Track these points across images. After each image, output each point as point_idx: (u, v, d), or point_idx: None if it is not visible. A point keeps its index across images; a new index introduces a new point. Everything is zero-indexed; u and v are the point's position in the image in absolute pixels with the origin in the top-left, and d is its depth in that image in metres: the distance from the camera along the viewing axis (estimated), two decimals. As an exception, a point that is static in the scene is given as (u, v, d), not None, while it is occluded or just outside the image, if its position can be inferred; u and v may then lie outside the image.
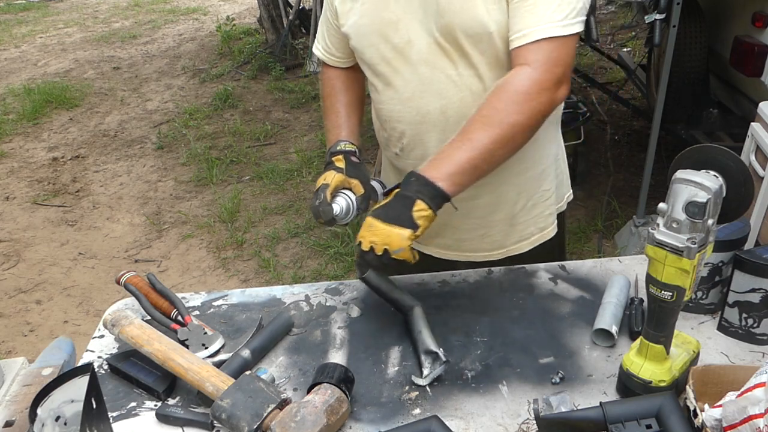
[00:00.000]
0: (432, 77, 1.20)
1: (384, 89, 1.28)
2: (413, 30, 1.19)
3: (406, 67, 1.22)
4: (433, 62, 1.19)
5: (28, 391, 1.08)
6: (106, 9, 9.94)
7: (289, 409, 0.94)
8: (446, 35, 1.16)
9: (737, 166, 0.89)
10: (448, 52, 1.18)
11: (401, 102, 1.26)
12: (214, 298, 1.31)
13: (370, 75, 1.31)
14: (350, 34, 1.27)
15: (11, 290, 3.33)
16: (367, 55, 1.26)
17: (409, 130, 1.28)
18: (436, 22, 1.16)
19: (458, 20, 1.13)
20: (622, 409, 0.86)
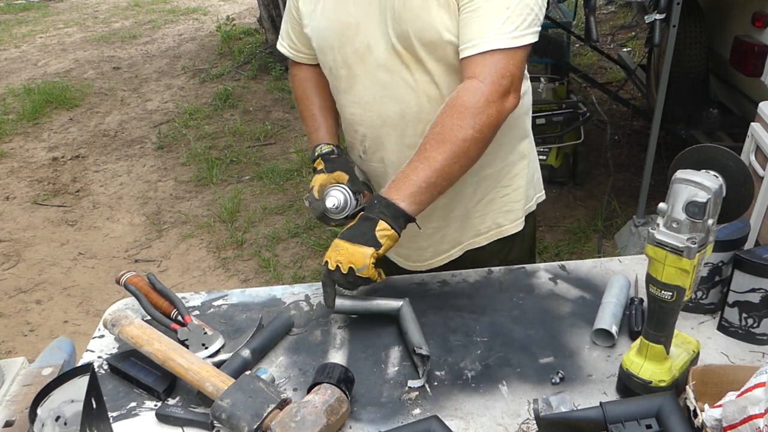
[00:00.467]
0: (391, 82, 1.21)
1: (345, 93, 1.29)
2: (372, 35, 1.19)
3: (366, 72, 1.23)
4: (391, 68, 1.20)
5: (28, 391, 1.08)
6: (106, 9, 9.94)
7: (289, 409, 0.94)
8: (402, 41, 1.17)
9: (737, 166, 0.89)
10: (405, 58, 1.18)
11: (362, 106, 1.27)
12: (214, 298, 1.31)
13: (331, 78, 1.32)
14: (312, 35, 1.28)
15: (11, 290, 3.33)
16: (328, 58, 1.27)
17: (369, 133, 1.30)
18: (393, 29, 1.17)
19: (413, 27, 1.14)
20: (622, 409, 0.86)
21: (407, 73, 1.20)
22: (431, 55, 1.17)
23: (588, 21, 3.30)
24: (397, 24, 1.15)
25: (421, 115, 1.23)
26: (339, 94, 1.33)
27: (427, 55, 1.17)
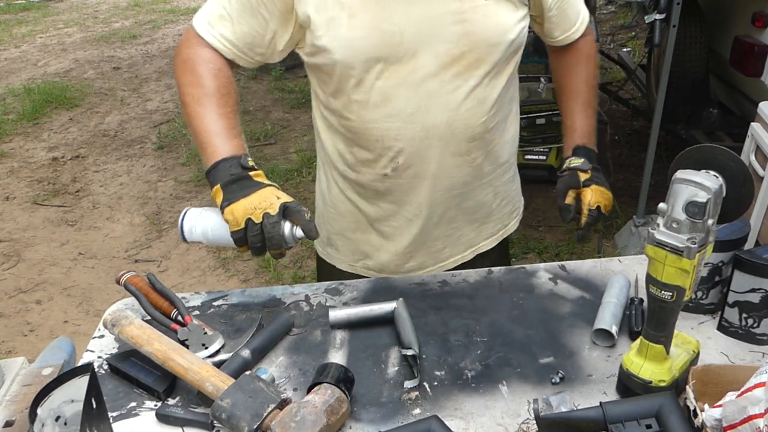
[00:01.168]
0: (439, 90, 1.17)
1: (377, 107, 1.18)
2: (421, 42, 1.13)
3: (410, 82, 1.16)
4: (441, 75, 1.15)
5: (28, 391, 1.08)
6: (106, 9, 9.94)
7: (289, 409, 0.94)
8: (464, 45, 1.14)
9: (737, 166, 0.89)
10: (461, 62, 1.15)
11: (402, 119, 1.19)
12: (214, 298, 1.31)
13: (356, 92, 1.18)
14: (333, 47, 1.13)
15: (11, 290, 3.33)
16: (358, 70, 1.15)
17: (408, 147, 1.21)
18: (452, 32, 1.13)
19: (481, 28, 1.14)
20: (622, 409, 0.86)
21: (459, 79, 1.17)
22: (491, 56, 1.17)
23: (588, 21, 3.29)
24: (460, 26, 1.13)
25: (471, 120, 1.21)
26: (366, 109, 1.19)
27: (489, 56, 1.17)
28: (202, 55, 1.19)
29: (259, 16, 1.16)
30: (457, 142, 1.22)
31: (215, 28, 1.18)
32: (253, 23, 1.17)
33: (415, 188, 1.28)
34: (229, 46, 1.20)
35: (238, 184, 1.10)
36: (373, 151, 1.25)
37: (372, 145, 1.24)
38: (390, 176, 1.27)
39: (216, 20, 1.18)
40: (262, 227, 1.07)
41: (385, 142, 1.22)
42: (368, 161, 1.27)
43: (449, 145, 1.22)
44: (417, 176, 1.26)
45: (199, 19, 1.20)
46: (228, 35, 1.19)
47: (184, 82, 1.19)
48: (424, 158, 1.23)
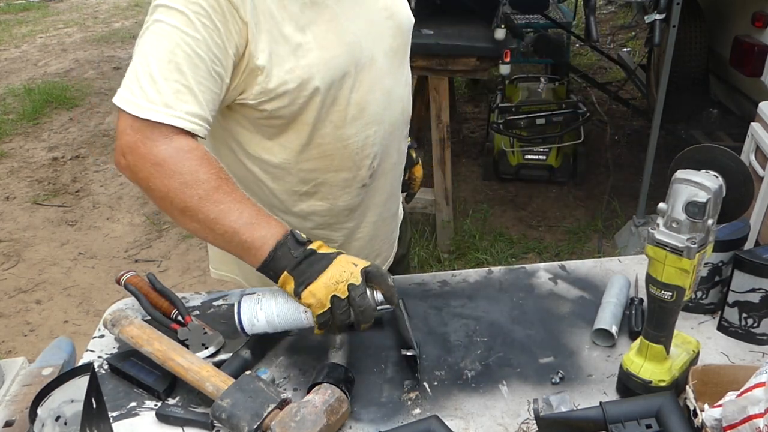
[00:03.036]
0: (394, 84, 1.24)
1: (354, 120, 1.16)
2: (373, 44, 1.18)
3: (374, 86, 1.19)
4: (391, 69, 1.23)
5: (28, 391, 1.08)
6: (106, 9, 9.94)
7: (289, 409, 0.94)
8: (398, 36, 1.24)
9: (737, 166, 0.89)
10: (398, 53, 1.25)
11: (376, 122, 1.20)
12: (214, 298, 1.31)
13: (330, 113, 1.12)
14: (307, 78, 1.05)
15: (11, 290, 3.33)
16: (334, 89, 1.11)
17: (380, 148, 1.24)
18: (388, 27, 1.21)
19: (403, 17, 1.25)
20: (622, 409, 0.86)
21: (399, 69, 1.27)
22: (408, 42, 1.29)
23: (588, 21, 3.30)
24: (391, 20, 1.22)
25: (408, 105, 1.31)
26: (343, 127, 1.15)
27: (406, 42, 1.28)
28: (176, 147, 0.97)
29: (215, 76, 1.00)
30: (404, 127, 1.33)
31: (177, 108, 0.96)
32: (212, 86, 1.00)
33: (381, 187, 1.32)
34: (199, 121, 0.99)
35: (306, 263, 0.96)
36: (350, 168, 1.20)
37: (350, 161, 1.19)
38: (368, 185, 1.26)
39: (173, 99, 0.96)
40: (350, 302, 0.95)
41: (364, 150, 1.20)
42: (345, 180, 1.21)
43: (402, 132, 1.32)
44: (384, 172, 1.31)
45: (147, 105, 0.96)
46: (195, 110, 0.98)
47: (173, 187, 0.96)
48: (389, 153, 1.29)
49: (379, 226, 1.38)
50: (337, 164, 1.19)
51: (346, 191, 1.24)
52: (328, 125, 1.14)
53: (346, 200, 1.26)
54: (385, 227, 1.42)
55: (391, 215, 1.42)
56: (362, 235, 1.36)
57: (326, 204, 1.25)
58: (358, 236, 1.36)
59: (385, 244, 1.45)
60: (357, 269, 0.97)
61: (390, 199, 1.38)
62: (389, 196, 1.37)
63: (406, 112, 1.31)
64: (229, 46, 0.99)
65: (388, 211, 1.39)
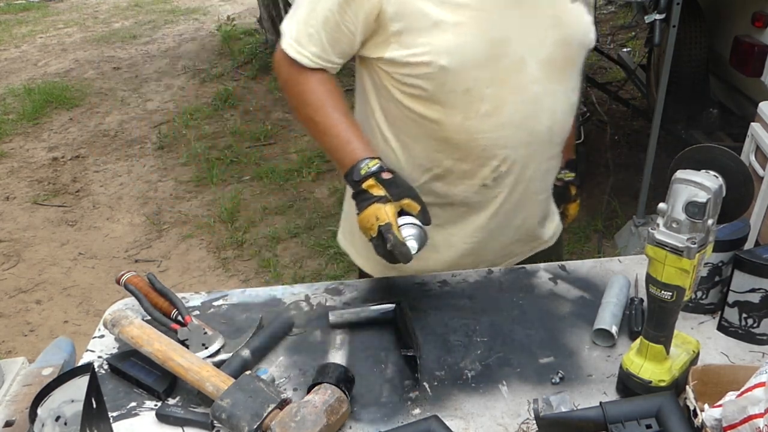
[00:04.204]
0: (543, 95, 1.18)
1: (487, 116, 1.16)
2: (526, 47, 1.14)
3: (519, 89, 1.15)
4: (543, 79, 1.17)
5: (28, 391, 1.08)
6: (106, 9, 9.93)
7: (289, 409, 0.94)
8: (560, 48, 1.17)
9: (737, 166, 0.89)
10: (558, 65, 1.18)
11: (512, 126, 1.17)
12: (214, 298, 1.31)
13: (462, 101, 1.14)
14: (434, 57, 1.10)
15: (11, 290, 3.33)
16: (467, 79, 1.12)
17: (513, 154, 1.20)
18: (549, 36, 1.15)
19: (574, 30, 1.19)
20: (622, 409, 0.86)
21: (556, 83, 1.20)
22: (580, 58, 1.22)
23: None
24: (557, 30, 1.16)
25: (565, 124, 1.25)
26: (474, 119, 1.15)
27: (578, 58, 1.22)
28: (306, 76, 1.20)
29: (344, 29, 1.15)
30: (552, 146, 1.26)
31: (306, 49, 1.18)
32: (340, 36, 1.16)
33: (507, 196, 1.26)
34: (322, 62, 1.19)
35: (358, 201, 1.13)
36: (473, 162, 1.21)
37: (473, 156, 1.20)
38: (489, 186, 1.24)
39: (306, 41, 1.17)
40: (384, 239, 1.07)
41: (491, 151, 1.19)
42: (465, 172, 1.23)
43: (547, 150, 1.26)
44: (514, 183, 1.25)
45: (289, 42, 1.19)
46: (319, 53, 1.17)
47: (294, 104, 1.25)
48: (525, 165, 1.23)
49: (501, 239, 1.34)
50: (461, 154, 1.20)
51: (464, 183, 1.24)
52: (458, 113, 1.16)
53: (462, 192, 1.25)
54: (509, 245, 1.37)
55: (522, 235, 1.36)
56: (478, 239, 1.32)
57: (444, 188, 1.26)
58: (475, 239, 1.32)
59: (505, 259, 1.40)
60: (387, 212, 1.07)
61: (522, 215, 1.32)
62: (520, 210, 1.30)
63: (557, 131, 1.24)
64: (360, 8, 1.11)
65: (516, 229, 1.33)
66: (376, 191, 1.10)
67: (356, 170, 1.12)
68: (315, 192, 4.11)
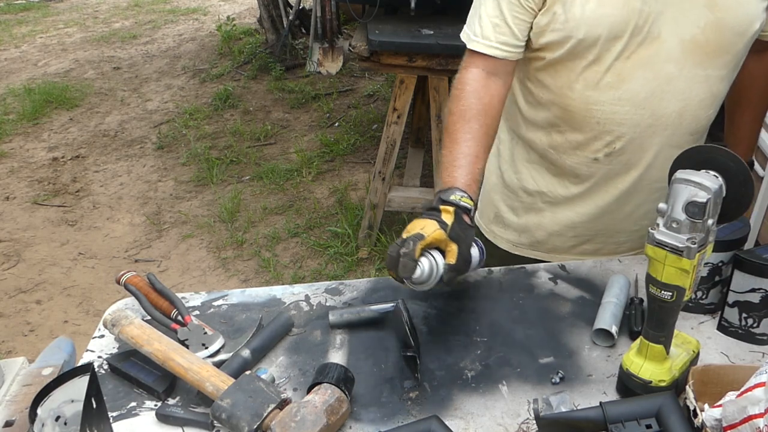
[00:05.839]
0: (678, 76, 1.14)
1: (609, 88, 1.16)
2: (667, 24, 1.10)
3: (651, 64, 1.13)
4: (683, 60, 1.13)
5: (28, 391, 1.08)
6: (106, 9, 9.93)
7: (289, 409, 0.94)
8: (711, 32, 1.11)
9: (737, 166, 0.89)
10: (705, 49, 1.13)
11: (633, 103, 1.16)
12: (214, 298, 1.31)
13: (587, 71, 1.15)
14: (579, 23, 1.11)
15: (11, 290, 3.33)
16: (599, 48, 1.12)
17: (630, 133, 1.18)
18: (701, 17, 1.11)
19: (731, 15, 1.11)
20: (622, 409, 0.86)
21: (700, 67, 1.14)
22: (734, 47, 1.14)
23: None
24: (710, 12, 1.10)
25: (700, 112, 1.19)
26: (594, 89, 1.16)
27: (732, 47, 1.14)
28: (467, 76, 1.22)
29: (527, 8, 1.16)
30: (681, 134, 1.20)
31: (493, 40, 1.19)
32: (525, 18, 1.17)
33: (621, 176, 1.25)
34: (510, 49, 1.20)
35: (426, 213, 1.09)
36: (587, 134, 1.21)
37: (588, 128, 1.20)
38: (600, 161, 1.23)
39: (491, 32, 1.19)
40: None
41: (606, 125, 1.18)
42: (578, 143, 1.23)
43: (673, 136, 1.20)
44: (628, 164, 1.22)
45: (472, 38, 1.22)
46: (508, 40, 1.19)
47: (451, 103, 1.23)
48: (643, 147, 1.20)
49: (618, 221, 1.32)
50: (576, 123, 1.21)
51: (575, 153, 1.24)
52: (580, 81, 1.17)
53: (573, 162, 1.26)
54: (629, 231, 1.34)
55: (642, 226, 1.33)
56: (585, 218, 1.31)
57: (557, 155, 1.28)
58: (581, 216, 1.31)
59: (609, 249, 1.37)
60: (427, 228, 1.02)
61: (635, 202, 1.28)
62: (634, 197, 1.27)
63: (689, 119, 1.19)
64: None
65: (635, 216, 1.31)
66: (446, 217, 1.06)
67: (450, 192, 1.09)
68: (315, 192, 4.11)
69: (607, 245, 1.39)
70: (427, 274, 1.02)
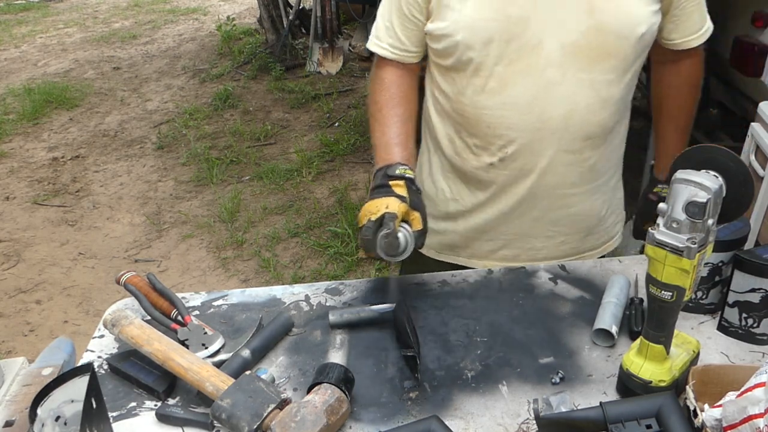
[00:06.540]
0: (561, 81, 1.14)
1: (494, 93, 1.18)
2: (547, 30, 1.11)
3: (531, 70, 1.14)
4: (565, 65, 1.13)
5: (28, 391, 1.08)
6: (106, 9, 9.93)
7: (289, 409, 0.94)
8: (593, 36, 1.12)
9: (737, 166, 0.89)
10: (587, 54, 1.13)
11: (517, 108, 1.17)
12: (214, 298, 1.31)
13: (474, 77, 1.18)
14: (455, 30, 1.14)
15: (11, 290, 3.33)
16: (479, 54, 1.15)
17: (520, 138, 1.20)
18: (581, 21, 1.11)
19: (612, 19, 1.11)
20: (622, 409, 0.86)
21: (584, 71, 1.15)
22: (619, 50, 1.15)
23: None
24: (590, 16, 1.11)
25: (589, 117, 1.19)
26: (481, 94, 1.19)
27: (616, 50, 1.14)
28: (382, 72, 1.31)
29: (412, 18, 1.23)
30: (571, 139, 1.21)
31: (383, 41, 1.29)
32: (409, 24, 1.24)
33: (519, 181, 1.26)
34: (398, 51, 1.28)
35: (377, 191, 1.16)
36: (482, 138, 1.24)
37: (482, 132, 1.23)
38: (496, 166, 1.25)
39: (383, 34, 1.29)
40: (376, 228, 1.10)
41: (496, 130, 1.21)
42: (476, 148, 1.26)
43: (563, 141, 1.21)
44: (524, 169, 1.24)
45: (372, 39, 1.31)
46: (395, 43, 1.27)
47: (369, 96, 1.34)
48: (534, 151, 1.21)
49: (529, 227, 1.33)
50: (471, 128, 1.25)
51: (474, 157, 1.28)
52: (470, 87, 1.21)
53: (473, 167, 1.29)
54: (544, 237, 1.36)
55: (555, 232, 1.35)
56: (494, 224, 1.33)
57: (460, 161, 1.32)
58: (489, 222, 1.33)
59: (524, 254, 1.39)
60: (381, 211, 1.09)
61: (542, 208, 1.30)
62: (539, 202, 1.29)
63: (577, 122, 1.19)
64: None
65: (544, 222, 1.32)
66: (400, 191, 1.14)
67: (392, 168, 1.18)
68: (315, 192, 4.11)
69: (525, 251, 1.39)
70: (404, 245, 1.12)
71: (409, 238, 1.12)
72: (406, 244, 1.12)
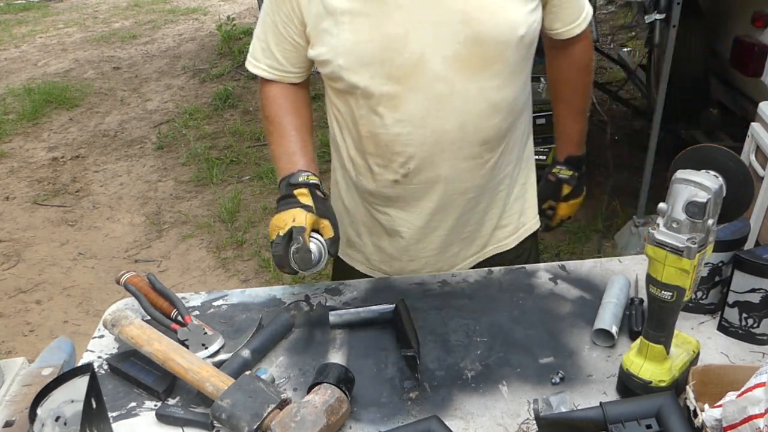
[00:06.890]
0: (450, 93, 1.14)
1: (389, 112, 1.16)
2: (426, 44, 1.10)
3: (419, 86, 1.13)
4: (451, 77, 1.12)
5: (28, 391, 1.08)
6: (106, 9, 9.93)
7: (289, 409, 0.94)
8: (472, 46, 1.10)
9: (737, 166, 0.89)
10: (470, 63, 1.12)
11: (412, 124, 1.16)
12: (214, 298, 1.31)
13: (363, 100, 1.17)
14: (335, 56, 1.13)
15: (11, 290, 3.33)
16: (363, 77, 1.13)
17: (419, 152, 1.19)
18: (459, 33, 1.10)
19: (489, 27, 1.10)
20: (622, 409, 0.86)
21: (470, 82, 1.14)
22: (502, 55, 1.14)
23: (588, 21, 3.29)
24: (466, 26, 1.09)
25: (483, 123, 1.19)
26: (375, 114, 1.18)
27: (499, 56, 1.13)
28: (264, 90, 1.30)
29: (289, 39, 1.21)
30: (469, 147, 1.20)
31: (261, 62, 1.27)
32: (287, 47, 1.22)
33: (427, 193, 1.26)
34: (276, 72, 1.26)
35: (282, 202, 1.17)
36: (383, 157, 1.23)
37: (381, 150, 1.22)
38: (400, 182, 1.25)
39: (261, 55, 1.26)
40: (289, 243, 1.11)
41: (394, 147, 1.20)
42: (378, 166, 1.25)
43: (462, 150, 1.20)
44: (429, 181, 1.24)
45: (249, 59, 1.29)
46: (274, 64, 1.25)
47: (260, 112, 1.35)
48: (435, 163, 1.21)
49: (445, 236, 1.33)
50: (370, 147, 1.24)
51: (381, 174, 1.26)
52: (363, 107, 1.19)
53: (382, 183, 1.28)
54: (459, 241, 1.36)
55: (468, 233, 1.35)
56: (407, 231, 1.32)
57: (364, 181, 1.31)
58: (402, 230, 1.32)
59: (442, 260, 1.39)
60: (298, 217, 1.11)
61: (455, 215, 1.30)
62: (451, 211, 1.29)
63: (471, 131, 1.18)
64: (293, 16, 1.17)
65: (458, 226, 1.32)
66: (305, 200, 1.15)
67: (295, 176, 1.19)
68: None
69: (446, 264, 1.39)
70: (317, 257, 1.12)
71: (322, 248, 1.12)
72: (320, 256, 1.12)
